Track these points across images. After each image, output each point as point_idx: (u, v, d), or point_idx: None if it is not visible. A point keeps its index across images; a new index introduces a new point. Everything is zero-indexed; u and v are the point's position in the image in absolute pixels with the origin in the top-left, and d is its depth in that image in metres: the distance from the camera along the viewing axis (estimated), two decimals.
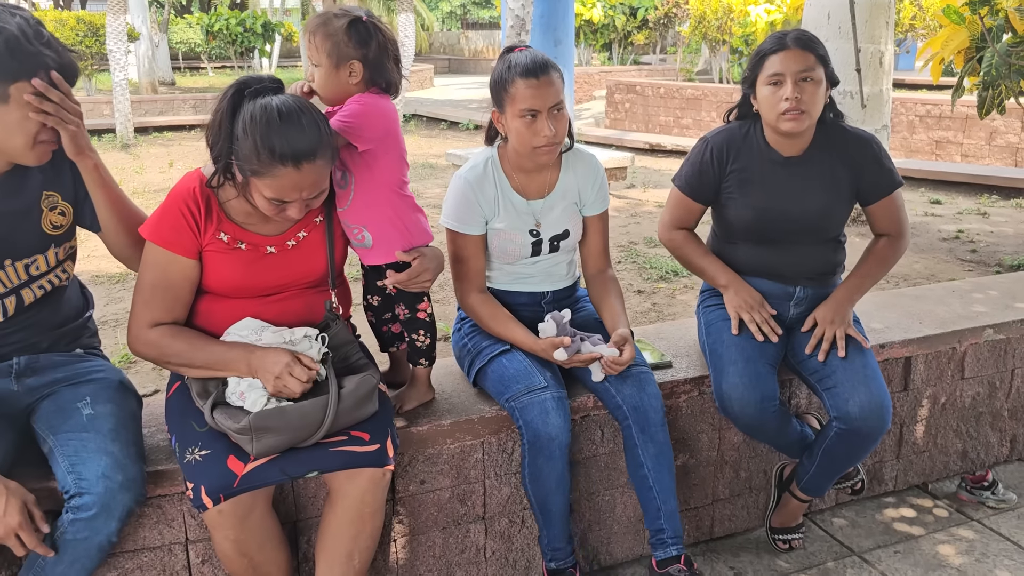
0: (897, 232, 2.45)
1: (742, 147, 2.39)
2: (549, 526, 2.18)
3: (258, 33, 18.10)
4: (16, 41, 1.67)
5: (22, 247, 1.87)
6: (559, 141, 2.12)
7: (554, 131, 2.08)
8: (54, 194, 1.91)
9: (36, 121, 1.72)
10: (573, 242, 2.34)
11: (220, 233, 1.89)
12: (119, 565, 1.95)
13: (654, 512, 2.16)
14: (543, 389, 2.09)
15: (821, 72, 2.23)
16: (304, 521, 2.10)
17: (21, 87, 1.68)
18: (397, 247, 2.01)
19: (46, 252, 1.92)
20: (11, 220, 1.84)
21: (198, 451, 1.81)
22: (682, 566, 2.14)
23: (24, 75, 1.68)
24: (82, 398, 1.90)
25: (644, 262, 5.31)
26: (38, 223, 1.89)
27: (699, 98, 11.97)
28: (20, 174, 1.86)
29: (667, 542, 2.15)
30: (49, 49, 1.72)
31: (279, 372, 1.80)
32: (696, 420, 2.50)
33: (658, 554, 2.16)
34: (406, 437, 2.11)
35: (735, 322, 2.36)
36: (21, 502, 1.68)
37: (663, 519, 2.16)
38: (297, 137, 1.72)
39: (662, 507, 2.16)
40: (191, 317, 1.96)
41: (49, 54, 1.71)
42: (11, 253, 1.86)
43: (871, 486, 2.84)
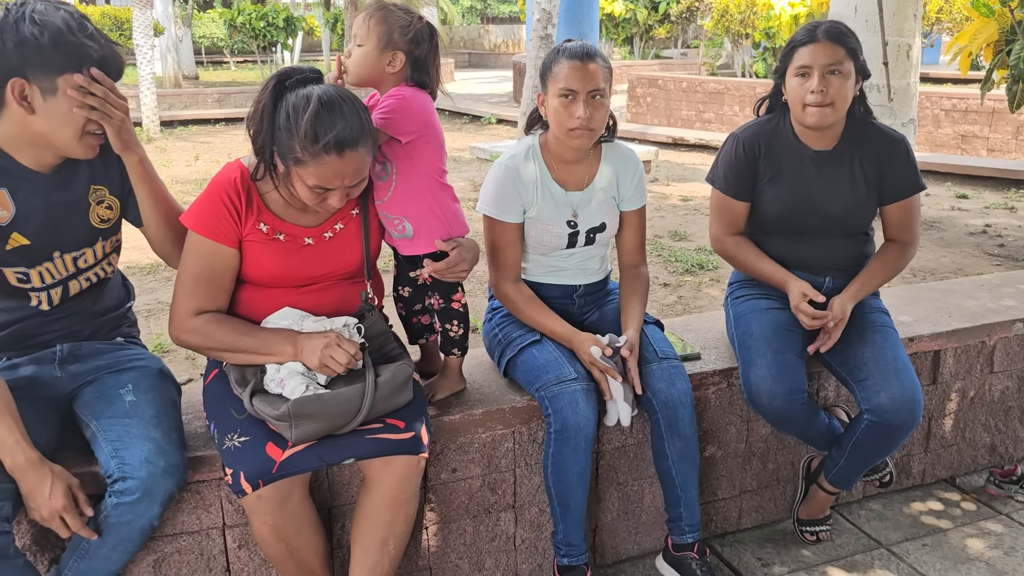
0: (908, 239, 2.44)
1: (772, 141, 2.39)
2: (566, 519, 2.19)
3: (280, 27, 18.18)
4: (61, 34, 1.70)
5: (71, 240, 1.92)
6: (593, 128, 2.14)
7: (589, 116, 2.11)
8: (102, 188, 1.95)
9: (83, 114, 1.76)
10: (608, 235, 2.36)
11: (260, 223, 1.92)
12: (158, 549, 2.00)
13: (674, 500, 2.23)
14: (573, 380, 2.11)
15: (850, 66, 2.23)
16: (339, 508, 2.14)
17: (67, 79, 1.72)
18: (437, 237, 2.04)
19: (94, 245, 1.96)
20: (60, 213, 1.88)
21: (237, 437, 1.85)
22: (695, 555, 2.22)
23: (70, 68, 1.71)
24: (124, 385, 1.94)
25: (669, 255, 5.31)
26: (86, 217, 1.93)
27: (721, 92, 11.91)
28: (69, 168, 1.90)
29: (684, 529, 2.24)
30: (93, 42, 1.75)
31: (325, 347, 1.83)
32: (724, 412, 2.51)
33: (674, 538, 2.26)
34: (438, 426, 2.14)
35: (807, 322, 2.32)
36: (66, 485, 1.73)
37: (682, 507, 2.23)
38: (340, 125, 1.75)
39: (682, 496, 2.22)
40: (233, 307, 2.00)
41: (93, 46, 1.74)
42: (60, 245, 1.90)
43: (899, 479, 2.84)
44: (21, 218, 1.82)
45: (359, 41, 1.99)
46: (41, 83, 1.71)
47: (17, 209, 1.81)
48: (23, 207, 1.82)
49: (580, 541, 2.22)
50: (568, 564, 2.22)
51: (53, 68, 1.70)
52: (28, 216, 1.83)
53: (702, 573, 2.23)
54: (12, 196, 1.81)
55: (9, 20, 1.68)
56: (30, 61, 1.68)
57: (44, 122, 1.75)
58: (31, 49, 1.67)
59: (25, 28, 1.67)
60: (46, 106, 1.73)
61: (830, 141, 2.36)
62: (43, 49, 1.68)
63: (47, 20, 1.69)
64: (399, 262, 2.18)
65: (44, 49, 1.68)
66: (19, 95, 1.71)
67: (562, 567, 2.23)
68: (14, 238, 1.82)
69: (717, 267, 5.11)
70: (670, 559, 2.29)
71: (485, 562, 2.33)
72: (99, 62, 1.75)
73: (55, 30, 1.69)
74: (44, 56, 1.68)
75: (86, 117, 1.76)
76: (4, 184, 1.80)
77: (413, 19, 2.00)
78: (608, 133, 2.30)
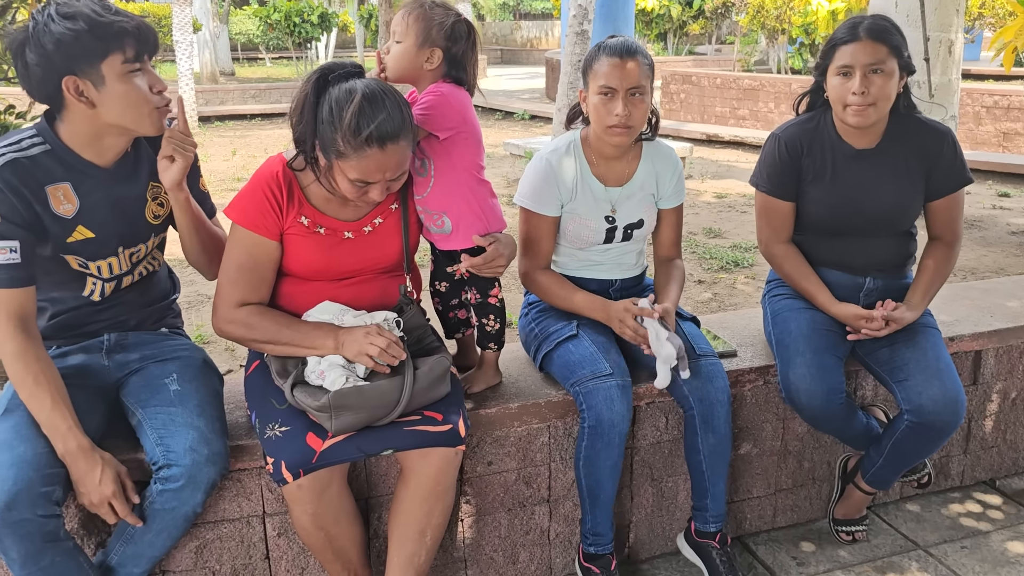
0: (952, 236, 2.40)
1: (813, 140, 2.37)
2: (595, 511, 2.21)
3: (315, 24, 18.34)
4: (92, 20, 1.72)
5: (131, 235, 1.96)
6: (632, 126, 2.14)
7: (627, 113, 2.11)
8: (159, 185, 1.99)
9: (140, 89, 1.78)
10: (646, 232, 2.36)
11: (301, 217, 1.95)
12: (200, 535, 2.04)
13: (702, 491, 2.26)
14: (608, 376, 2.12)
15: (893, 64, 2.19)
16: (376, 498, 2.17)
17: (111, 62, 1.73)
18: (475, 232, 2.05)
19: (147, 241, 2.01)
20: (125, 207, 1.93)
21: (278, 427, 1.88)
22: (716, 544, 2.26)
23: (111, 50, 1.73)
24: (169, 374, 1.98)
25: (704, 252, 5.29)
26: (143, 212, 1.98)
27: (756, 89, 11.80)
28: (131, 163, 1.94)
29: (708, 519, 2.27)
30: (122, 16, 1.75)
31: (365, 334, 1.86)
32: (760, 410, 2.50)
33: (697, 524, 2.30)
34: (475, 419, 2.15)
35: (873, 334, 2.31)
36: (115, 473, 1.77)
37: (708, 499, 2.25)
38: (382, 118, 1.77)
39: (710, 489, 2.24)
40: (274, 300, 2.03)
41: (124, 20, 1.75)
42: (123, 240, 1.95)
43: (937, 480, 2.80)
44: (86, 212, 1.86)
45: (398, 38, 2.00)
46: (90, 75, 1.74)
47: (81, 203, 1.86)
48: (87, 201, 1.86)
49: (607, 531, 2.24)
50: (594, 552, 2.24)
51: (96, 55, 1.73)
52: (92, 210, 1.87)
53: (721, 562, 2.25)
54: (76, 190, 1.85)
55: (39, 25, 1.71)
56: (73, 56, 1.71)
57: (107, 110, 1.78)
58: (71, 44, 1.70)
59: (56, 26, 1.70)
60: (103, 95, 1.76)
61: (873, 139, 2.33)
62: (81, 39, 1.70)
63: (73, 11, 1.71)
64: (436, 257, 2.20)
65: (82, 39, 1.70)
66: (76, 92, 1.75)
67: (588, 555, 2.25)
68: (79, 231, 1.86)
69: (752, 264, 5.07)
70: (691, 542, 2.34)
71: (519, 555, 2.35)
72: (134, 34, 1.75)
73: (85, 18, 1.71)
74: (84, 46, 1.71)
75: (148, 89, 1.78)
76: (68, 179, 1.84)
77: (451, 16, 2.01)
78: (650, 130, 2.30)
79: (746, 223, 6.16)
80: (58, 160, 1.83)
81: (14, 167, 1.75)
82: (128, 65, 1.76)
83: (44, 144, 1.82)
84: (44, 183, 1.80)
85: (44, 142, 1.82)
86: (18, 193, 1.75)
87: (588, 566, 2.25)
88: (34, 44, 1.71)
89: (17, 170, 1.75)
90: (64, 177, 1.83)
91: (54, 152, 1.82)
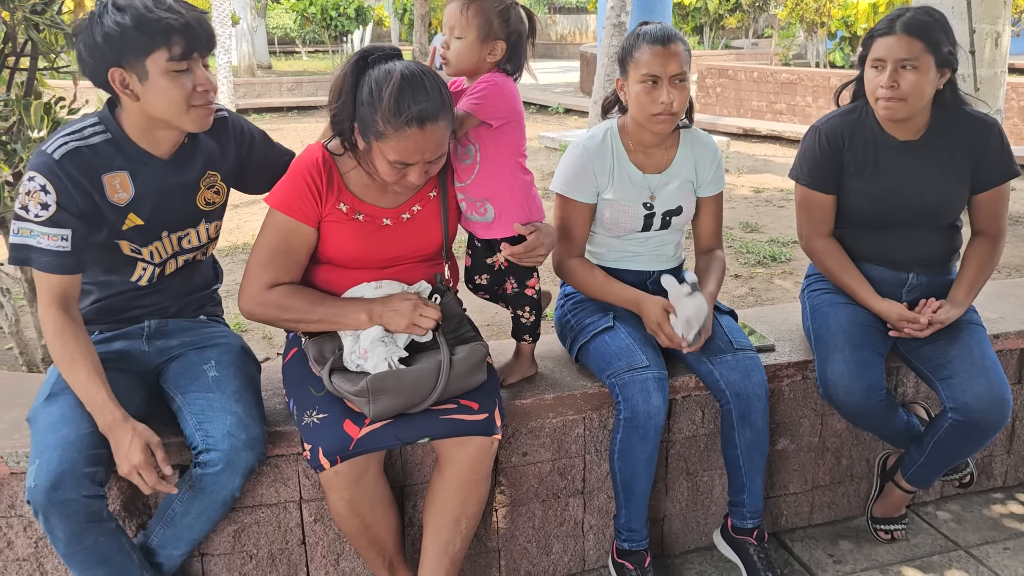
0: (997, 230, 2.35)
1: (855, 132, 2.33)
2: (629, 506, 2.19)
3: (351, 17, 18.45)
4: (140, 16, 1.71)
5: (178, 220, 1.98)
6: (676, 112, 2.13)
7: (672, 100, 2.10)
8: (215, 174, 2.02)
9: (183, 86, 1.77)
10: (684, 220, 2.34)
11: (340, 203, 1.96)
12: (238, 519, 2.06)
13: (738, 487, 2.24)
14: (645, 368, 2.11)
15: (929, 60, 2.15)
16: (411, 487, 2.18)
17: (156, 58, 1.74)
18: (516, 220, 2.05)
19: (197, 227, 2.03)
20: (174, 194, 1.95)
21: (316, 414, 1.89)
22: (753, 540, 2.24)
23: (156, 45, 1.73)
24: (208, 361, 2.01)
25: (740, 247, 5.24)
26: (194, 199, 2.00)
27: (794, 83, 11.64)
28: (188, 153, 1.96)
29: (745, 514, 2.25)
30: (173, 13, 1.73)
31: (414, 307, 1.88)
32: (798, 405, 2.47)
33: (734, 520, 2.28)
34: (510, 409, 2.15)
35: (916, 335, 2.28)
36: (144, 443, 1.78)
37: (745, 494, 2.24)
38: (421, 99, 1.78)
39: (747, 484, 2.22)
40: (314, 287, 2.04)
41: (173, 17, 1.73)
42: (168, 225, 1.97)
43: (979, 480, 2.75)
44: (138, 200, 1.89)
45: (458, 33, 1.98)
46: (136, 68, 1.75)
47: (136, 191, 1.88)
48: (141, 189, 1.89)
49: (642, 527, 2.22)
50: (628, 548, 2.23)
51: (141, 50, 1.73)
52: (144, 198, 1.90)
53: (759, 559, 2.23)
54: (132, 179, 1.88)
55: (96, 15, 1.74)
56: (120, 50, 1.73)
57: (151, 104, 1.80)
58: (116, 38, 1.71)
59: (108, 19, 1.71)
60: (146, 89, 1.77)
61: (917, 131, 2.29)
62: (127, 35, 1.71)
63: (127, 3, 1.72)
64: (475, 251, 2.19)
65: (128, 34, 1.71)
66: (120, 85, 1.77)
67: (622, 551, 2.24)
68: (130, 218, 1.90)
69: (790, 259, 5.01)
70: (728, 538, 2.32)
71: (553, 546, 2.35)
72: (182, 31, 1.75)
73: (135, 13, 1.71)
74: (130, 41, 1.72)
75: (191, 88, 1.78)
76: (126, 168, 1.87)
77: (507, 4, 2.00)
78: (685, 117, 2.28)
79: (783, 218, 6.09)
80: (118, 148, 1.85)
81: (74, 156, 1.78)
82: (173, 63, 1.75)
83: (106, 133, 1.85)
84: (102, 171, 1.83)
85: (106, 131, 1.85)
86: (76, 183, 1.78)
87: (622, 563, 2.23)
88: (87, 34, 1.74)
89: (77, 159, 1.78)
90: (122, 166, 1.86)
91: (114, 141, 1.85)
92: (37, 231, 1.76)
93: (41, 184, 1.75)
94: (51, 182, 1.75)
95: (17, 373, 2.85)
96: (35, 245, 1.77)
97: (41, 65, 2.78)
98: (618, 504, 2.22)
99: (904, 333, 2.28)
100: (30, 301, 2.96)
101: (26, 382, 2.33)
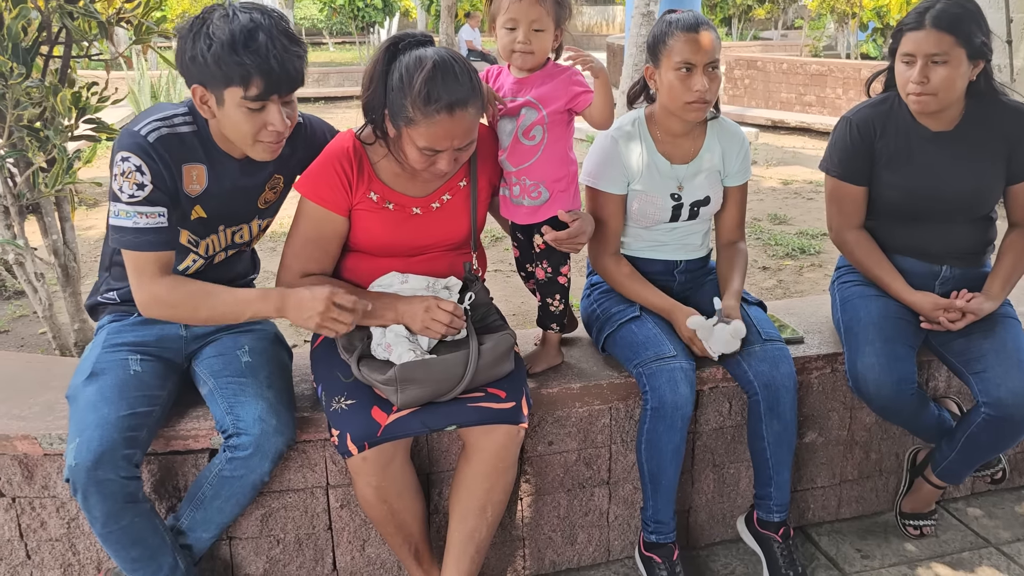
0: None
1: (887, 123, 2.30)
2: (656, 498, 2.18)
3: (378, 8, 18.46)
4: (223, 51, 1.70)
5: (236, 216, 2.02)
6: (710, 100, 2.12)
7: (706, 87, 2.09)
8: (280, 177, 2.04)
9: (255, 122, 1.79)
10: (712, 210, 2.32)
11: (370, 192, 1.96)
12: (266, 504, 2.08)
13: (765, 480, 2.22)
14: (672, 358, 2.10)
15: (960, 53, 2.10)
16: (437, 474, 2.18)
17: (232, 92, 1.75)
18: (566, 205, 2.07)
19: (251, 222, 2.06)
20: (240, 194, 1.98)
21: (344, 400, 1.90)
22: (779, 537, 2.22)
23: (233, 83, 1.74)
24: (241, 346, 2.03)
25: (768, 239, 5.19)
26: (256, 199, 2.03)
27: (824, 74, 11.49)
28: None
29: (771, 508, 2.23)
30: (256, 57, 1.71)
31: (425, 310, 1.89)
32: (827, 398, 2.45)
33: (760, 513, 2.27)
34: (536, 398, 2.15)
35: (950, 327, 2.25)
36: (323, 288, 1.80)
37: (772, 487, 2.22)
38: (451, 85, 1.78)
39: (774, 477, 2.20)
40: (339, 273, 2.05)
41: (255, 62, 1.71)
42: (226, 221, 2.00)
43: (1011, 477, 2.70)
44: (207, 194, 1.92)
45: (538, 26, 1.99)
46: (215, 92, 1.77)
47: (207, 185, 1.91)
48: (213, 185, 1.92)
49: (669, 519, 2.20)
50: (656, 541, 2.21)
51: (219, 83, 1.75)
52: (213, 194, 1.93)
53: (782, 556, 2.22)
54: (208, 173, 1.91)
55: (192, 31, 1.74)
56: (202, 74, 1.75)
57: (223, 125, 1.84)
58: (200, 64, 1.73)
59: (199, 44, 1.72)
60: (220, 113, 1.80)
61: (951, 121, 2.25)
62: (207, 66, 1.72)
63: (217, 34, 1.71)
64: (520, 241, 2.21)
65: (208, 66, 1.72)
66: (200, 100, 1.80)
67: (649, 544, 2.23)
68: (196, 210, 1.92)
69: (819, 252, 4.96)
70: (752, 530, 2.30)
71: (578, 536, 2.35)
72: (262, 75, 1.72)
73: (219, 47, 1.70)
74: (209, 72, 1.73)
75: (261, 126, 1.80)
76: (205, 161, 1.90)
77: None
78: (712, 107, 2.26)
79: (812, 210, 6.02)
80: (201, 142, 1.88)
81: (165, 142, 1.81)
82: (248, 101, 1.75)
83: (193, 124, 1.87)
84: (183, 161, 1.86)
85: (193, 122, 1.87)
86: (167, 166, 1.81)
87: (649, 556, 2.22)
88: (181, 45, 1.77)
89: (167, 145, 1.81)
90: (202, 159, 1.89)
91: (199, 134, 1.88)
92: (132, 212, 1.79)
93: (136, 165, 1.77)
94: (145, 163, 1.78)
95: (50, 357, 2.90)
96: (131, 226, 1.80)
97: (74, 53, 2.81)
98: (645, 496, 2.20)
99: (938, 326, 2.25)
100: (63, 286, 3.00)
101: (59, 366, 2.37)
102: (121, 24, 2.78)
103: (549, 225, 2.06)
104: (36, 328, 3.80)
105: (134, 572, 1.86)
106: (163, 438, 1.96)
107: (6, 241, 2.81)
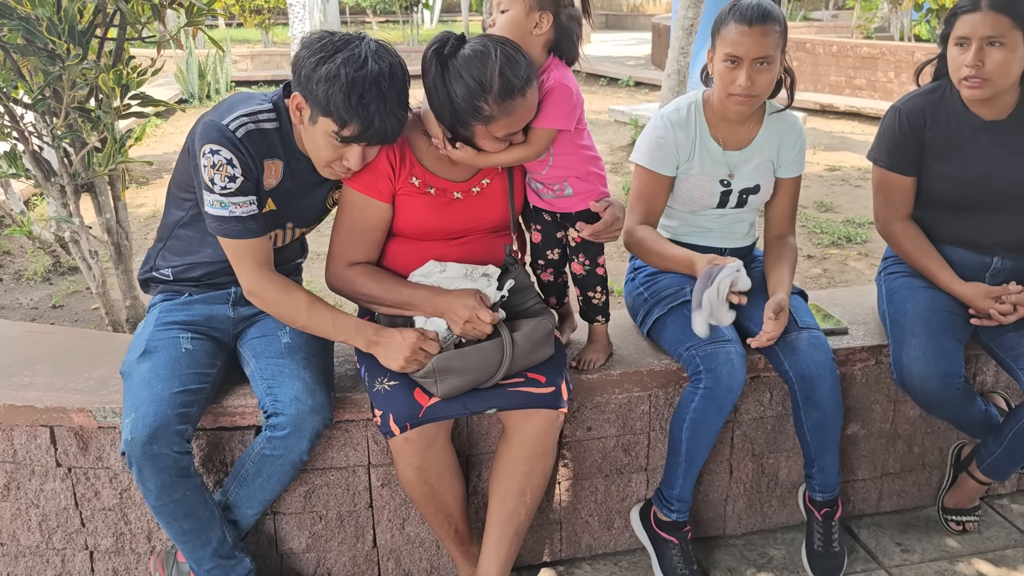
0: None
1: (938, 112, 2.25)
2: (686, 477, 2.17)
3: None
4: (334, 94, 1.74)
5: (304, 217, 2.09)
6: (756, 95, 2.09)
7: (750, 83, 2.05)
8: None
9: (334, 153, 1.86)
10: (761, 199, 2.30)
11: (412, 177, 1.98)
12: (309, 481, 2.13)
13: (809, 461, 2.25)
14: (728, 342, 2.08)
15: (1017, 36, 2.05)
16: (476, 456, 2.21)
17: (327, 123, 1.80)
18: (594, 194, 2.04)
19: (318, 222, 2.15)
20: (312, 194, 2.05)
21: (387, 381, 1.94)
22: (819, 517, 2.25)
23: (331, 117, 1.78)
24: (282, 327, 2.07)
25: (814, 227, 5.11)
26: (324, 199, 2.09)
27: (875, 57, 11.22)
28: None
29: (815, 487, 2.26)
30: (361, 111, 1.76)
31: (468, 315, 1.90)
32: (871, 390, 2.42)
33: (809, 492, 2.29)
34: (576, 384, 2.16)
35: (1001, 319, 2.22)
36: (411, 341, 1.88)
37: (815, 468, 2.23)
38: (516, 69, 1.80)
39: (816, 461, 2.21)
40: (381, 257, 2.08)
41: (358, 113, 1.76)
42: (295, 219, 2.07)
43: None
44: (280, 189, 1.97)
45: (503, 6, 1.92)
46: (313, 111, 1.82)
47: (282, 180, 1.96)
48: (287, 181, 1.97)
49: (689, 498, 2.22)
50: (675, 520, 2.21)
51: (320, 109, 1.79)
52: (286, 190, 1.98)
53: (818, 539, 2.24)
54: (285, 169, 1.96)
55: (322, 52, 1.77)
56: (309, 93, 1.79)
57: (304, 137, 1.90)
58: (312, 86, 1.77)
59: (321, 69, 1.75)
60: (307, 127, 1.86)
61: (1004, 110, 2.20)
62: (317, 92, 1.77)
63: (342, 74, 1.73)
64: (544, 224, 2.15)
65: (318, 94, 1.77)
66: (296, 107, 1.85)
67: (664, 522, 2.23)
68: (269, 203, 1.97)
69: (866, 241, 4.87)
70: (806, 507, 2.33)
71: (614, 521, 2.36)
72: (360, 124, 1.78)
73: (336, 87, 1.74)
74: (316, 97, 1.78)
75: (338, 155, 1.86)
76: (283, 158, 1.95)
77: None
78: (787, 96, 2.21)
79: (860, 197, 5.91)
80: (282, 138, 1.93)
81: (251, 138, 1.86)
82: (336, 137, 1.81)
83: (276, 121, 1.92)
84: (264, 156, 1.91)
85: (277, 119, 1.92)
86: (253, 158, 1.87)
87: (667, 537, 2.22)
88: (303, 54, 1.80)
89: (253, 139, 1.86)
90: (281, 155, 1.94)
91: (281, 131, 1.93)
92: (228, 202, 1.85)
93: (227, 157, 1.83)
94: (236, 157, 1.83)
95: (104, 332, 2.98)
96: (227, 215, 1.86)
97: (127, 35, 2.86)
98: (674, 475, 2.18)
99: (987, 320, 2.21)
100: (115, 263, 3.08)
101: (112, 341, 2.43)
102: (173, 6, 2.83)
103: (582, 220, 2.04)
104: (89, 304, 3.90)
105: (185, 544, 1.92)
106: (211, 414, 2.01)
107: (63, 219, 2.89)
